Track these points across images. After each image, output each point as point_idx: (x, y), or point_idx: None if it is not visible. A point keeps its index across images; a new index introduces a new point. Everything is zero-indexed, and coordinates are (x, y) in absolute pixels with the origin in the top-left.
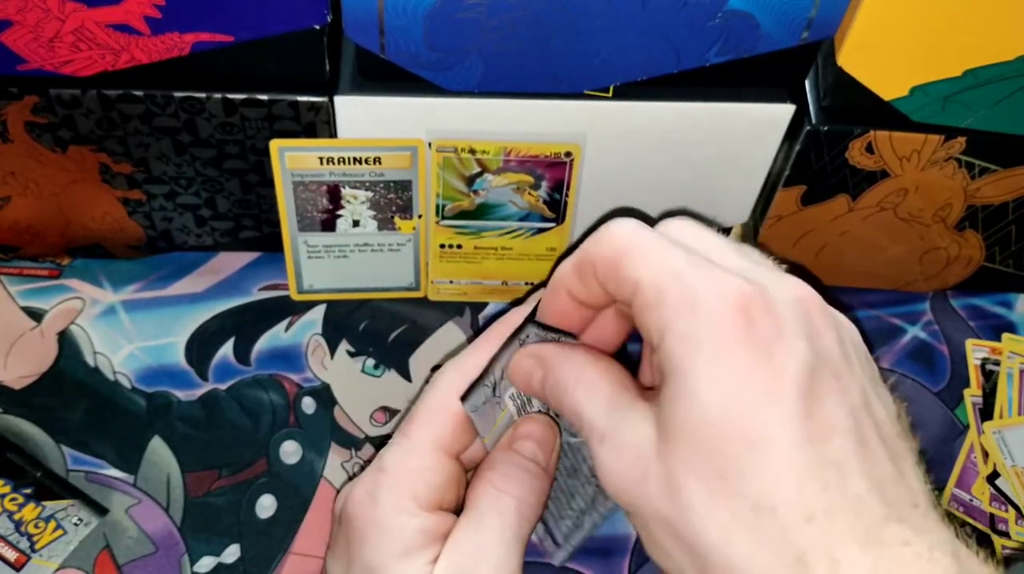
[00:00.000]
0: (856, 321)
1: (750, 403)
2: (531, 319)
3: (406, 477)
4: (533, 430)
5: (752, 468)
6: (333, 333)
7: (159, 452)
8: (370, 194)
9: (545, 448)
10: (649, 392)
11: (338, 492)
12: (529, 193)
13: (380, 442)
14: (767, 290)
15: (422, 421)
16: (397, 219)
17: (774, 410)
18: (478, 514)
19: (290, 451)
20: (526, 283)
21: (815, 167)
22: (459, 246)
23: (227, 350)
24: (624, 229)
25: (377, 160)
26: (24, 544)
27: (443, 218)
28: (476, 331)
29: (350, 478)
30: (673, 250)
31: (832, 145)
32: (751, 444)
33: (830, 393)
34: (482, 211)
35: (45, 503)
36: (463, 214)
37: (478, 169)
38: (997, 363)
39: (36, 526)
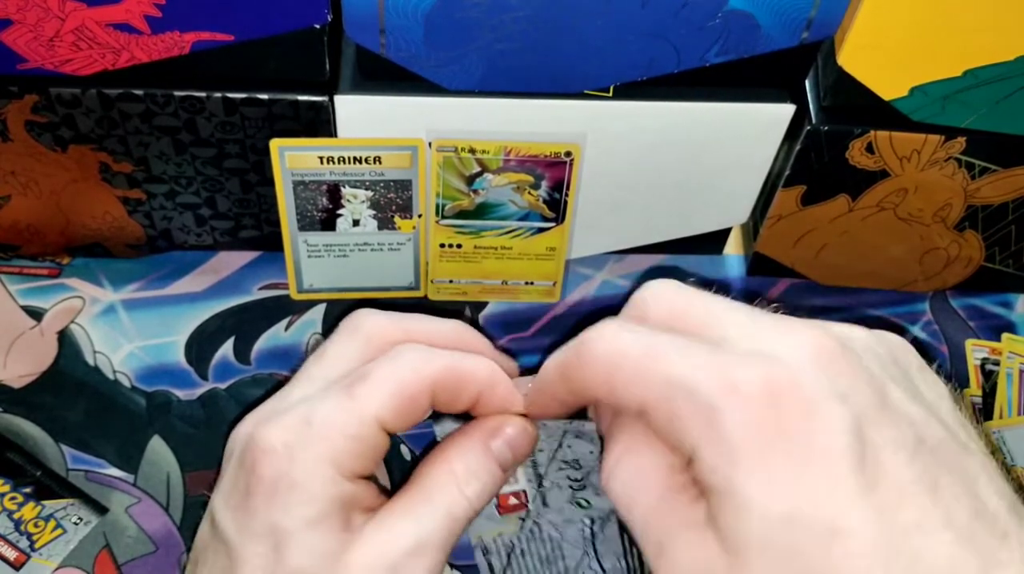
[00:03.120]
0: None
1: (810, 498)
2: None
3: (335, 441)
4: (512, 436)
5: (835, 566)
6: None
7: (159, 451)
8: (370, 193)
9: (517, 457)
10: (687, 480)
11: (235, 421)
12: (529, 193)
13: None
14: (778, 361)
15: (375, 389)
16: (397, 219)
17: (836, 496)
18: (428, 502)
19: None
20: (526, 283)
21: (815, 167)
22: (459, 246)
23: (227, 349)
24: (603, 346)
25: (377, 160)
26: (24, 543)
27: (443, 218)
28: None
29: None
30: (666, 352)
31: (832, 145)
32: (825, 540)
33: (884, 447)
34: (482, 211)
35: (45, 502)
36: (463, 214)
37: (478, 169)
38: (997, 363)
39: (36, 525)
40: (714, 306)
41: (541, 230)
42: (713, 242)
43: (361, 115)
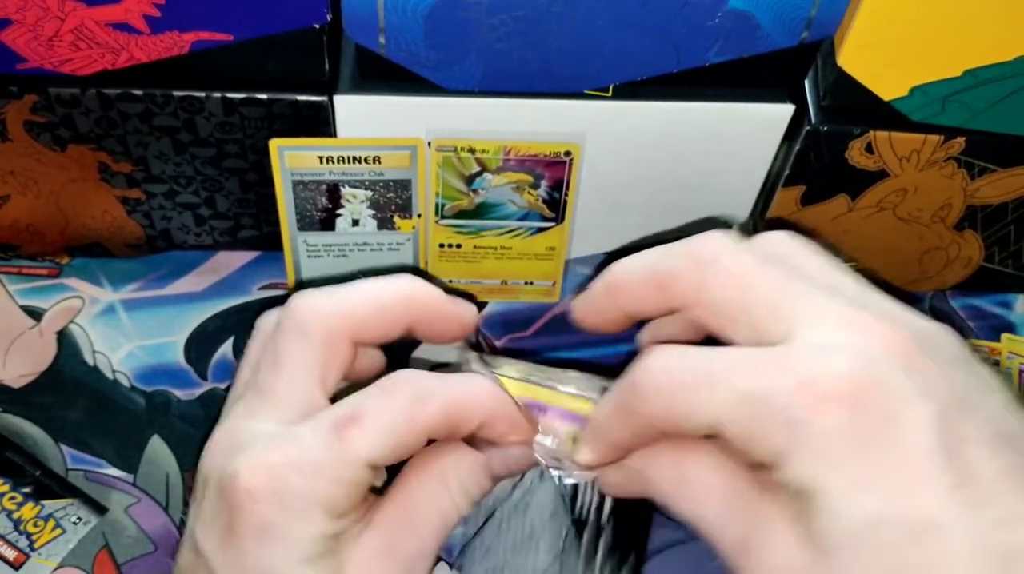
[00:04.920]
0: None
1: (899, 498)
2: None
3: (325, 488)
4: (512, 457)
5: (928, 564)
6: None
7: (158, 451)
8: (369, 193)
9: (512, 473)
10: (760, 481)
11: (203, 442)
12: (528, 192)
13: None
14: (853, 358)
15: (368, 434)
16: (396, 218)
17: (925, 495)
18: (424, 523)
19: None
20: (525, 283)
21: (815, 167)
22: (458, 246)
23: (226, 349)
24: (659, 379)
25: (377, 159)
26: (23, 543)
27: (442, 217)
28: (476, 330)
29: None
30: (730, 369)
31: (832, 145)
32: (916, 539)
33: (968, 442)
34: (481, 210)
35: (44, 502)
36: (462, 213)
37: (477, 168)
38: (997, 363)
39: (35, 525)
40: (778, 285)
41: (541, 230)
42: None
43: (361, 115)
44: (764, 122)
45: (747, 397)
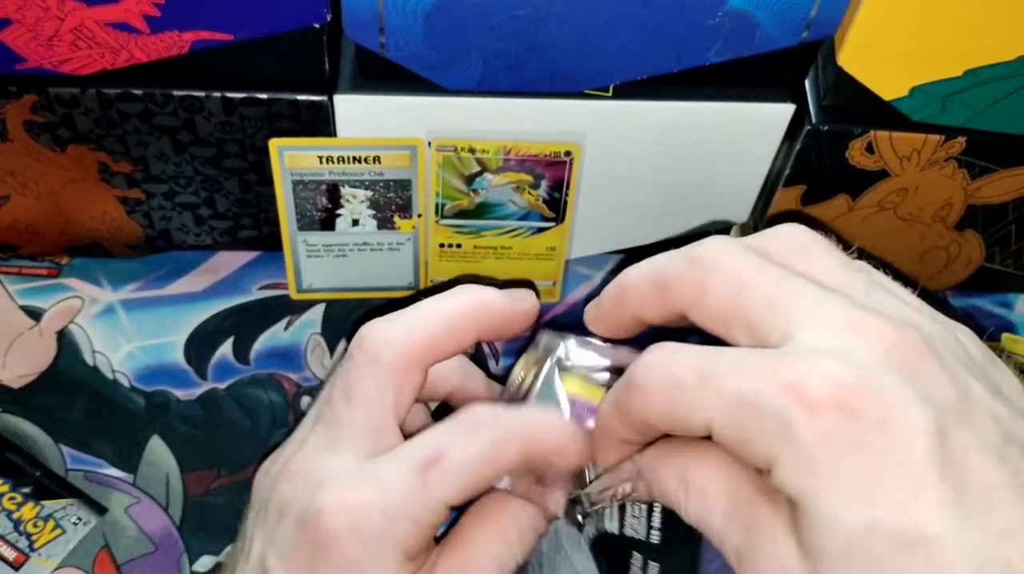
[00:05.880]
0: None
1: (892, 507)
2: (548, 328)
3: (406, 530)
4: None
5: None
6: (332, 332)
7: (158, 451)
8: (369, 193)
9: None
10: (763, 486)
11: (262, 459)
12: (529, 192)
13: None
14: (849, 362)
15: (449, 478)
16: (396, 218)
17: (920, 503)
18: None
19: None
20: (524, 281)
21: (815, 167)
22: (458, 245)
23: (226, 349)
24: (655, 377)
25: (376, 159)
26: (23, 543)
27: (442, 217)
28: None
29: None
30: (725, 371)
31: (832, 145)
32: (909, 549)
33: (969, 448)
34: (481, 210)
35: (44, 502)
36: (462, 213)
37: (478, 168)
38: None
39: (35, 525)
40: (779, 287)
41: (541, 230)
42: None
43: (360, 115)
44: (764, 122)
45: (737, 399)
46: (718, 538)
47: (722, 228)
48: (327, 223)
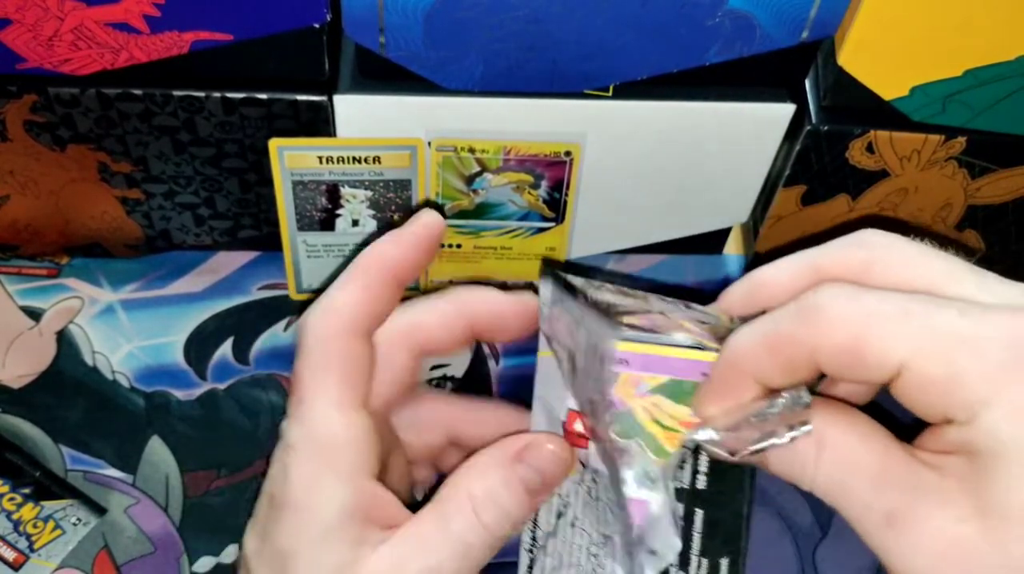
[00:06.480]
0: None
1: None
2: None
3: (335, 449)
4: (541, 458)
5: None
6: None
7: (158, 452)
8: (369, 193)
9: (548, 482)
10: (908, 451)
11: (262, 460)
12: (529, 192)
13: None
14: None
15: (317, 380)
16: (396, 219)
17: None
18: (443, 530)
19: None
20: (526, 283)
21: (815, 167)
22: (459, 246)
23: (226, 349)
24: (847, 307)
25: (376, 159)
26: (23, 544)
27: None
28: None
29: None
30: (931, 309)
31: (832, 145)
32: None
33: None
34: (481, 210)
35: (44, 503)
36: (462, 213)
37: (477, 168)
38: None
39: (35, 526)
40: (935, 266)
41: (541, 230)
42: (713, 242)
43: (360, 115)
44: (764, 122)
45: (953, 334)
46: (861, 501)
47: (722, 230)
48: (327, 223)
